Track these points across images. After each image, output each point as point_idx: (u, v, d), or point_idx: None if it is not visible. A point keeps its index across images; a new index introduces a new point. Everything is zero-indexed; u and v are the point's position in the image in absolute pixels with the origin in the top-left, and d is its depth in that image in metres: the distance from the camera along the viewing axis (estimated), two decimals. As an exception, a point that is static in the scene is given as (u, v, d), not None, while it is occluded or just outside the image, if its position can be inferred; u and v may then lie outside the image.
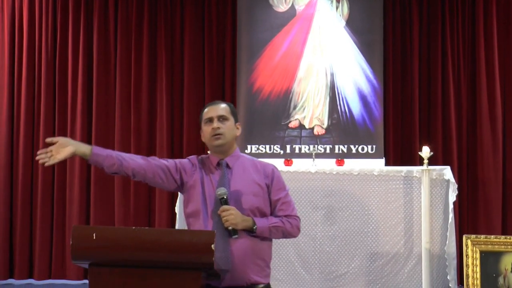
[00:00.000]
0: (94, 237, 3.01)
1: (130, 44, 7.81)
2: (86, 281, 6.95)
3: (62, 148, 3.40)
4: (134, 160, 3.57)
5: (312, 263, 6.47)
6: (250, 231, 3.49)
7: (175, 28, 7.86)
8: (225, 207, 3.46)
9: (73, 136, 7.66)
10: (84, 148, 3.47)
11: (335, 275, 6.49)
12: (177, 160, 3.69)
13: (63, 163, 7.64)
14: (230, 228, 3.44)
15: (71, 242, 3.01)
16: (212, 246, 2.97)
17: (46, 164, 3.41)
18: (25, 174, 7.70)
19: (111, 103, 7.79)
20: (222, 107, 3.72)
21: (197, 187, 3.62)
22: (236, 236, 3.45)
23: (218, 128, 3.63)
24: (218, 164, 3.65)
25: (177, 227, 6.53)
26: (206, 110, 3.73)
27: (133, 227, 3.23)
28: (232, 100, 7.67)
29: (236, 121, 3.74)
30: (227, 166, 3.64)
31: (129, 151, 7.64)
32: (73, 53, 7.77)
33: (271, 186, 3.65)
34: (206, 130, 3.68)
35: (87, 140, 7.69)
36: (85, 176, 7.69)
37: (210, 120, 3.66)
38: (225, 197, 3.48)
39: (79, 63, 7.75)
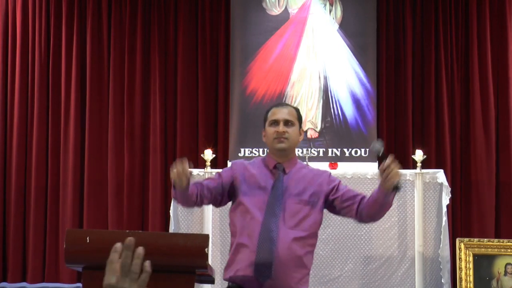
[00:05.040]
0: (88, 241, 3.00)
1: (123, 47, 7.80)
2: (80, 285, 6.95)
3: (185, 176, 3.38)
4: (200, 184, 3.63)
5: (305, 266, 6.46)
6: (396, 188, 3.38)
7: (168, 31, 7.86)
8: (392, 162, 3.31)
9: (66, 139, 7.66)
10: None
11: (329, 279, 6.49)
12: (222, 173, 3.72)
13: (56, 166, 7.67)
14: (397, 184, 3.33)
15: (64, 246, 3.01)
16: (206, 249, 2.97)
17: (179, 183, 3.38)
18: (18, 177, 7.68)
19: (104, 106, 7.77)
20: (289, 111, 3.72)
21: (248, 191, 3.60)
22: (400, 189, 3.36)
23: (284, 132, 3.62)
24: (275, 167, 3.64)
25: (171, 230, 6.52)
26: (272, 111, 3.74)
27: (127, 230, 3.22)
28: (225, 103, 7.67)
29: (300, 126, 3.73)
30: (283, 171, 3.62)
31: (122, 153, 7.65)
32: (66, 56, 7.76)
33: (331, 188, 3.62)
34: (270, 132, 3.69)
35: (80, 143, 7.69)
36: (78, 179, 7.67)
37: (276, 122, 3.67)
38: (382, 151, 3.39)
39: (73, 65, 7.74)
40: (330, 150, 7.43)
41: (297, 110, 3.78)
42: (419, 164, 6.50)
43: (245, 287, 3.49)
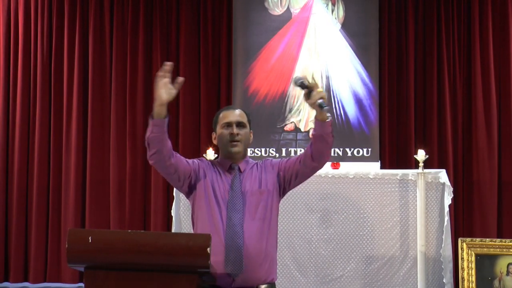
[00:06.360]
0: (90, 241, 3.01)
1: (125, 47, 7.80)
2: (82, 284, 6.94)
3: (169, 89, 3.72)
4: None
5: (307, 266, 6.47)
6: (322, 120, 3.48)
7: (170, 31, 7.85)
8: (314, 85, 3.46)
9: (68, 139, 7.66)
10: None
11: (331, 278, 6.49)
12: (190, 160, 3.69)
13: (58, 166, 7.66)
14: (321, 101, 3.42)
15: (67, 246, 3.01)
16: (208, 249, 2.97)
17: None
18: (20, 177, 7.68)
19: (106, 105, 7.77)
20: (241, 113, 3.72)
21: (209, 189, 3.61)
22: (327, 107, 3.45)
23: (237, 134, 3.64)
24: (230, 167, 3.66)
25: (173, 230, 6.52)
26: (223, 113, 3.73)
27: (129, 230, 3.23)
28: (227, 103, 7.66)
29: (250, 128, 3.76)
30: (239, 169, 3.65)
31: (124, 153, 7.65)
32: (68, 56, 7.76)
33: (278, 167, 3.69)
34: (223, 134, 3.67)
35: (82, 143, 7.69)
36: (80, 179, 7.67)
37: (229, 125, 3.66)
38: (304, 81, 3.49)
39: (75, 65, 7.74)
40: (332, 150, 7.42)
41: (247, 112, 3.81)
42: (421, 164, 6.49)
43: (217, 284, 3.50)
